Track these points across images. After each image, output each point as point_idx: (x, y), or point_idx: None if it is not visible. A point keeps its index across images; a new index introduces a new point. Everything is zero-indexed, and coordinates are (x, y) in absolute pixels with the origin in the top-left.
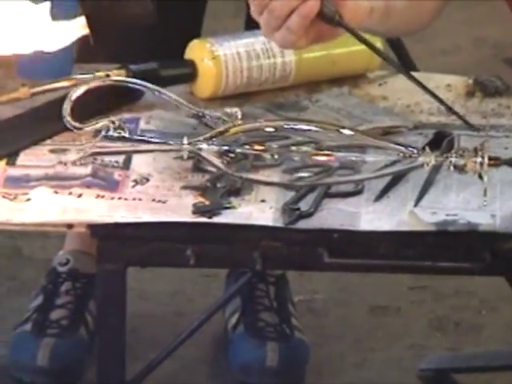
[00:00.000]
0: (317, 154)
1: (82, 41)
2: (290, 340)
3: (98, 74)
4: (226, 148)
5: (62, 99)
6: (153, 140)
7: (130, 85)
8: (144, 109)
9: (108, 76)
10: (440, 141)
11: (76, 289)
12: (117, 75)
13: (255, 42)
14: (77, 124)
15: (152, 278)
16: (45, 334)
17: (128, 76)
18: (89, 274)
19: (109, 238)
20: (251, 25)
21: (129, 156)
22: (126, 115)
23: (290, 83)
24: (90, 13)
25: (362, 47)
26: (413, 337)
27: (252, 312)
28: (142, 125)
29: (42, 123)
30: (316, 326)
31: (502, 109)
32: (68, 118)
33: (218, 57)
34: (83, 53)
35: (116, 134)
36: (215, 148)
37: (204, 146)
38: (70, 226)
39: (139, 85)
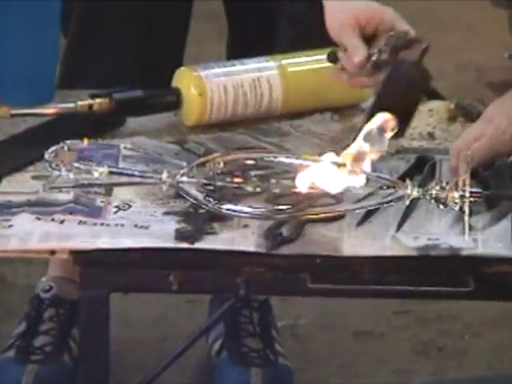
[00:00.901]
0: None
1: (65, 66)
2: (273, 365)
3: (80, 103)
4: (205, 182)
5: (44, 126)
6: (133, 173)
7: None
8: (126, 135)
9: (91, 107)
10: (422, 166)
11: (59, 315)
12: (100, 104)
13: (244, 79)
14: (60, 169)
15: (135, 304)
16: (28, 361)
17: (111, 105)
18: (72, 300)
19: (91, 264)
20: (233, 50)
21: None
22: (109, 141)
23: (274, 116)
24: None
25: None
26: (396, 361)
27: (236, 338)
28: (124, 151)
29: (24, 150)
30: (300, 351)
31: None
32: (50, 160)
33: (205, 91)
34: (66, 79)
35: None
36: (195, 180)
37: (184, 178)
38: (52, 252)
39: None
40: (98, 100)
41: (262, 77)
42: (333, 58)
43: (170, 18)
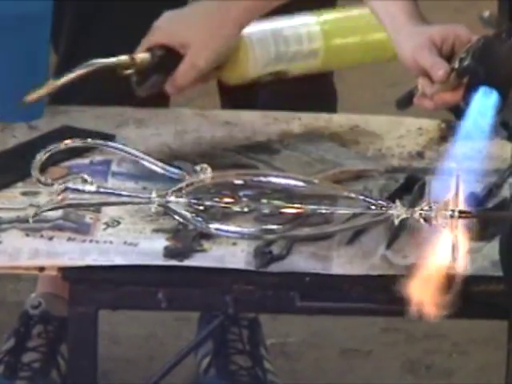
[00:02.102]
0: (287, 207)
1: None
2: (262, 383)
3: (122, 57)
4: (194, 201)
5: (33, 142)
6: (122, 193)
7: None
8: (115, 151)
9: (133, 60)
10: (411, 185)
11: (48, 332)
12: (141, 59)
13: (286, 33)
14: (45, 180)
15: (124, 322)
16: (16, 377)
17: (153, 60)
18: (61, 317)
19: (80, 281)
20: None
21: None
22: (98, 157)
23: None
24: None
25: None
26: (384, 380)
27: (224, 355)
28: (114, 167)
29: (14, 166)
30: (289, 369)
31: (474, 153)
32: (37, 175)
33: (248, 46)
34: (56, 95)
35: (86, 188)
36: (184, 200)
37: (172, 198)
38: (41, 269)
39: (118, 149)
40: (139, 55)
41: (303, 32)
42: (404, 102)
43: None
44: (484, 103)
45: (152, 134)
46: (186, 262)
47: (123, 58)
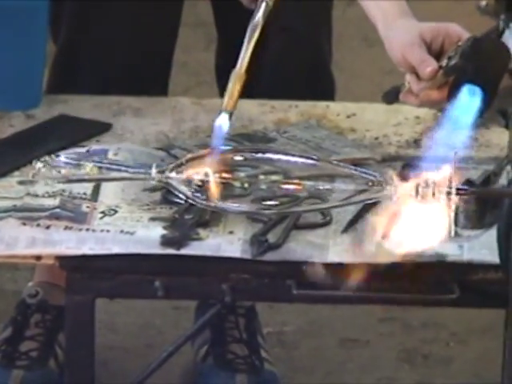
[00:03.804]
0: (285, 183)
1: (53, 72)
2: (259, 372)
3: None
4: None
5: (30, 131)
6: (122, 168)
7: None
8: (112, 140)
9: None
10: (408, 173)
11: (45, 321)
12: None
13: None
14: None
15: (122, 311)
16: (14, 366)
17: None
18: (58, 305)
19: (77, 269)
20: (222, 58)
21: (97, 188)
22: (95, 146)
23: None
24: None
25: None
26: (382, 369)
27: (221, 344)
28: (111, 156)
29: (10, 155)
30: (286, 358)
31: (470, 141)
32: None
33: None
34: (55, 84)
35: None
36: (183, 177)
37: (173, 174)
38: (38, 257)
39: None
40: None
41: None
42: (390, 97)
43: (159, 25)
44: (469, 100)
45: (149, 123)
46: (183, 251)
47: None
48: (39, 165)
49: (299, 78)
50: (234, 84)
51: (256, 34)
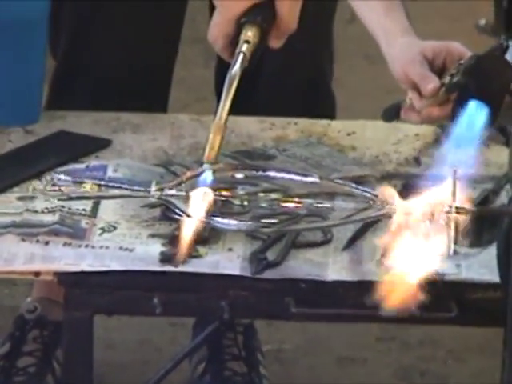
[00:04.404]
0: (285, 201)
1: (52, 87)
2: None
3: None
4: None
5: (30, 147)
6: (121, 186)
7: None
8: (112, 157)
9: None
10: (408, 191)
11: (43, 336)
12: None
13: None
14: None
15: (119, 327)
16: (12, 382)
17: None
18: (56, 321)
19: (76, 285)
20: (221, 75)
21: (96, 204)
22: (94, 162)
23: None
24: None
25: None
26: None
27: (219, 361)
28: (110, 173)
29: (9, 171)
30: (284, 375)
31: (473, 159)
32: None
33: None
34: (54, 100)
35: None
36: (183, 194)
37: (172, 191)
38: (37, 273)
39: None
40: (250, 34)
41: None
42: (390, 115)
43: (159, 41)
44: (473, 117)
45: (148, 139)
46: (182, 268)
47: (241, 57)
48: (38, 184)
49: (299, 96)
50: (215, 135)
51: (234, 86)
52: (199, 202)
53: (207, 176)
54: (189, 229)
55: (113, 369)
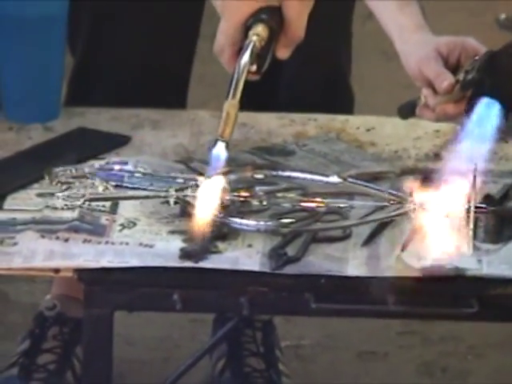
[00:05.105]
0: (305, 201)
1: (71, 84)
2: None
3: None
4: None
5: (49, 144)
6: (140, 187)
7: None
8: (131, 153)
9: None
10: (428, 187)
11: (63, 333)
12: None
13: None
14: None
15: (139, 324)
16: (31, 379)
17: None
18: (76, 318)
19: (96, 282)
20: None
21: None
22: (115, 159)
23: None
24: None
25: None
26: (400, 382)
27: (238, 357)
28: (130, 168)
29: (29, 167)
30: (303, 371)
31: (489, 155)
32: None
33: None
34: (73, 96)
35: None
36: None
37: (190, 192)
38: (56, 270)
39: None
40: (259, 31)
41: None
42: (405, 112)
43: (177, 37)
44: (488, 114)
45: (168, 135)
46: (202, 264)
47: (246, 59)
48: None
49: (318, 92)
50: (228, 112)
51: (244, 73)
52: (212, 191)
53: (220, 151)
54: (205, 226)
55: (133, 366)
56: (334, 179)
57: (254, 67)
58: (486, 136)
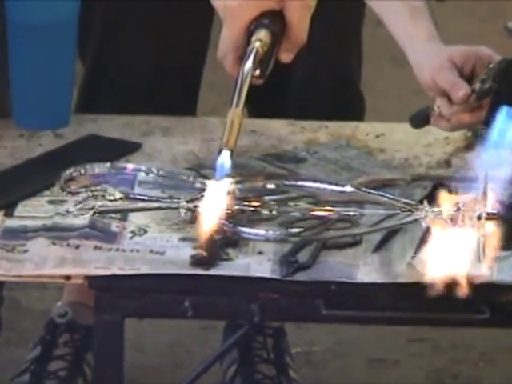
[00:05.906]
0: (315, 210)
1: (81, 91)
2: None
3: None
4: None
5: (59, 151)
6: (150, 199)
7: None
8: (142, 160)
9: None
10: (438, 193)
11: (74, 340)
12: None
13: None
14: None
15: (150, 330)
16: None
17: None
18: (87, 325)
19: (106, 289)
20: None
21: None
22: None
23: None
24: None
25: None
26: None
27: (249, 364)
28: (140, 176)
29: (40, 174)
30: (314, 378)
31: (501, 161)
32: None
33: None
34: (83, 103)
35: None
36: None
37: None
38: (67, 277)
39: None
40: (262, 35)
41: None
42: (417, 121)
43: (188, 43)
44: (507, 123)
45: (178, 142)
46: (212, 271)
47: (249, 64)
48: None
49: (328, 98)
50: (233, 120)
51: (248, 80)
52: (219, 200)
53: (225, 160)
54: (214, 234)
55: (144, 372)
56: (348, 189)
57: (258, 72)
58: (506, 144)
